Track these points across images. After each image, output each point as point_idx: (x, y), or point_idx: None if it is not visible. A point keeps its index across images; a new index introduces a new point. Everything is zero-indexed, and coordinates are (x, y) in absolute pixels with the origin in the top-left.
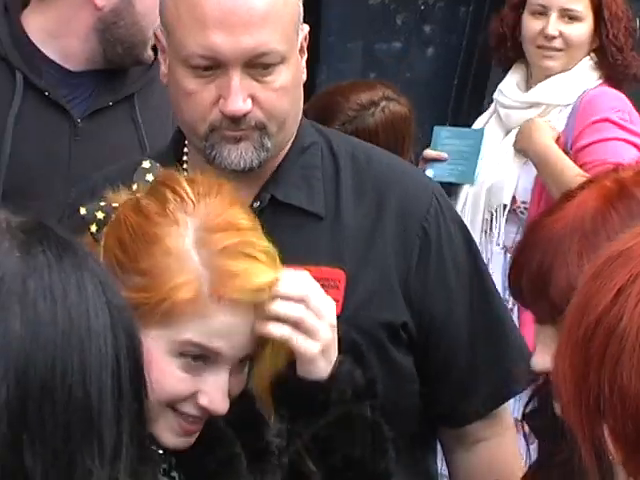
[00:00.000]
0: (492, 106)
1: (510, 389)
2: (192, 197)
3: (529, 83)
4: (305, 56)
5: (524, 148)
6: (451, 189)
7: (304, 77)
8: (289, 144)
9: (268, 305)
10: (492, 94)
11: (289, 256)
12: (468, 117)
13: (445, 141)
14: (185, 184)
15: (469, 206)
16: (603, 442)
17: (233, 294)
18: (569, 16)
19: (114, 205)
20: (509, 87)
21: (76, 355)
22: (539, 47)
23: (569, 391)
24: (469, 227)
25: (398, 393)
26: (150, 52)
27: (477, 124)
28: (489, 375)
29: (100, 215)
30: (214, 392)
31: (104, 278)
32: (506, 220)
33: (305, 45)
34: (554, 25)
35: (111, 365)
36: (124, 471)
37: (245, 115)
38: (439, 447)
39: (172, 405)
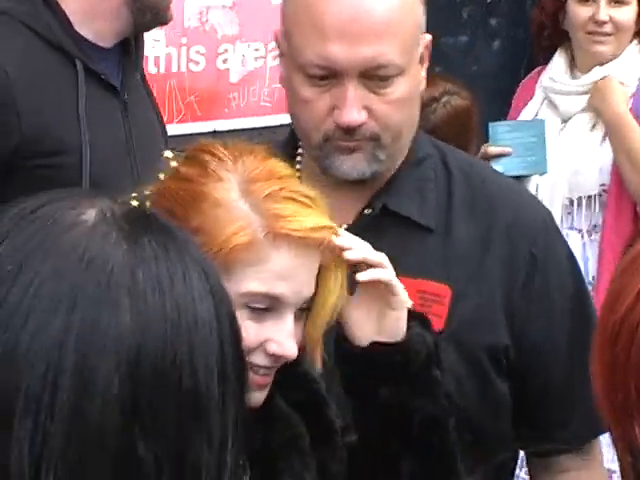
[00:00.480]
0: (538, 95)
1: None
2: (230, 156)
3: (574, 70)
4: (426, 65)
5: (598, 108)
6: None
7: (423, 86)
8: (404, 155)
9: (357, 252)
10: None
11: (396, 266)
12: None
13: (505, 136)
14: (220, 147)
15: (545, 196)
16: (635, 440)
17: (287, 232)
18: (616, 0)
19: (146, 193)
20: (560, 74)
21: (185, 344)
22: (589, 33)
23: (601, 390)
24: None
25: (492, 417)
26: (172, 12)
27: (525, 115)
28: (585, 406)
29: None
30: (283, 338)
31: (205, 264)
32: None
33: (427, 54)
34: (604, 10)
35: (216, 352)
36: (230, 456)
37: (359, 126)
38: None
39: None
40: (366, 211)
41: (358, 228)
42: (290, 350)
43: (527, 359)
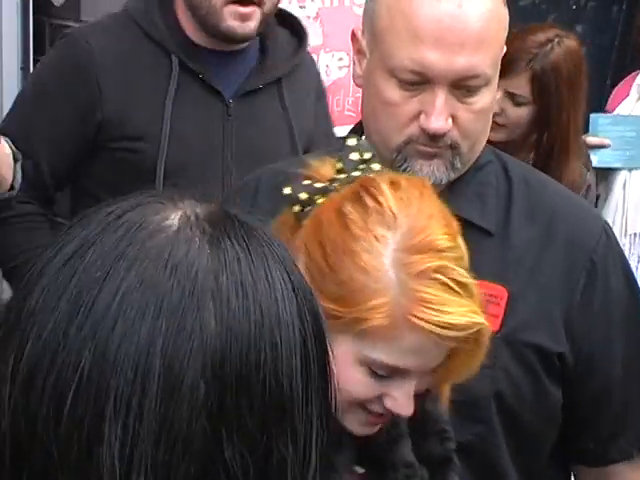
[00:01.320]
0: (633, 94)
1: None
2: (394, 209)
3: None
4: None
5: None
6: (603, 175)
7: (499, 95)
8: (472, 162)
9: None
10: None
11: None
12: None
13: (606, 127)
14: (387, 191)
15: (635, 192)
16: None
17: (426, 325)
18: None
19: (317, 186)
20: None
21: (268, 346)
22: None
23: None
24: (634, 212)
25: (545, 425)
26: (231, 22)
27: (620, 112)
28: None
29: (304, 196)
30: (400, 397)
31: (288, 263)
32: None
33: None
34: None
35: (300, 351)
36: (315, 453)
37: (444, 134)
38: None
39: (361, 406)
40: None
41: None
42: (405, 410)
43: (585, 367)
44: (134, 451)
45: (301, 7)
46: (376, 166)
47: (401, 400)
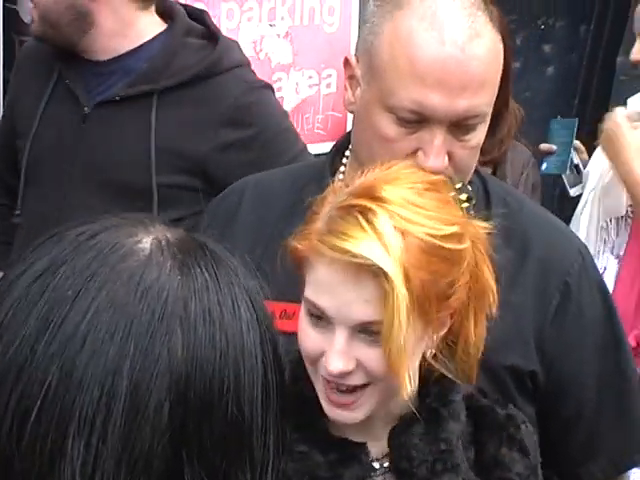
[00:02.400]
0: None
1: (634, 459)
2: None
3: None
4: None
5: (609, 157)
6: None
7: None
8: None
9: None
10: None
11: None
12: (588, 137)
13: (554, 133)
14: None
15: (586, 214)
16: None
17: (325, 248)
18: None
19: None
20: None
21: (232, 374)
22: None
23: None
24: (585, 235)
25: None
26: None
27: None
28: (612, 442)
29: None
30: (331, 352)
31: (253, 293)
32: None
33: None
34: None
35: (261, 380)
36: (271, 478)
37: (440, 173)
38: None
39: (314, 365)
40: None
41: None
42: (332, 366)
43: (554, 388)
44: (96, 470)
45: (271, 25)
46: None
47: (330, 355)
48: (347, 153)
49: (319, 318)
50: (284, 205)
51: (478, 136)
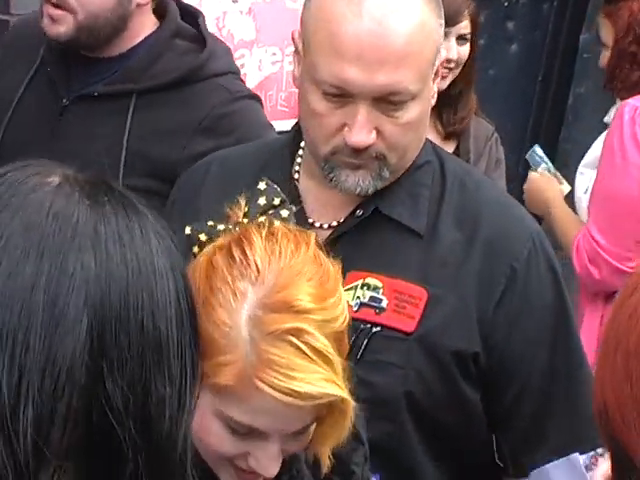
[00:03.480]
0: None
1: (579, 446)
2: (259, 263)
3: None
4: (439, 78)
5: (540, 214)
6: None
7: (434, 100)
8: (406, 168)
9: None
10: (576, 90)
11: (377, 264)
12: (552, 114)
13: (531, 160)
14: (257, 243)
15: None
16: None
17: (271, 390)
18: None
19: (218, 228)
20: None
21: (145, 292)
22: None
23: (615, 398)
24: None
25: (465, 424)
26: (45, 21)
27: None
28: (558, 428)
29: (203, 237)
30: (263, 459)
31: (161, 229)
32: None
33: (440, 68)
34: None
35: (174, 302)
36: (189, 398)
37: (367, 148)
38: None
39: (228, 461)
40: (357, 212)
41: (347, 226)
42: (269, 472)
43: (499, 369)
44: (21, 381)
45: (234, 1)
46: (284, 212)
47: (264, 462)
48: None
49: (250, 433)
50: (246, 182)
51: (409, 114)
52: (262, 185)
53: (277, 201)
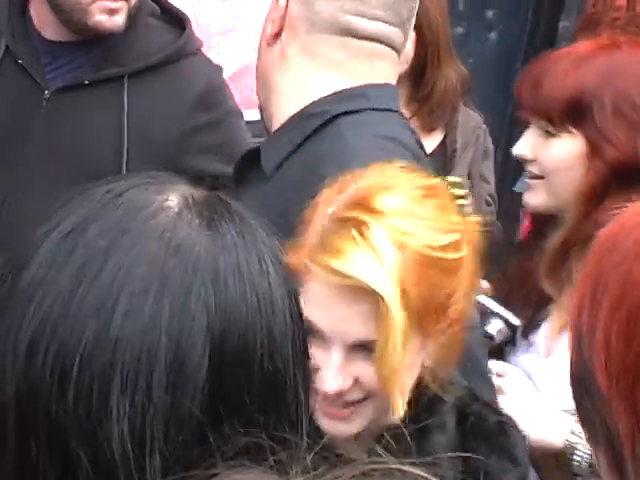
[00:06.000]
0: None
1: None
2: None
3: None
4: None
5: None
6: None
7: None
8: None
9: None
10: None
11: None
12: None
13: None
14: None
15: None
16: None
17: (316, 267)
18: None
19: None
20: None
21: (264, 329)
22: None
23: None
24: None
25: None
26: (100, 17)
27: None
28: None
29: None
30: (326, 372)
31: (275, 250)
32: None
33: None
34: None
35: (290, 335)
36: (305, 434)
37: None
38: None
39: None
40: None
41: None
42: (328, 386)
43: None
44: (145, 429)
45: None
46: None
47: (325, 372)
48: None
49: (314, 335)
50: None
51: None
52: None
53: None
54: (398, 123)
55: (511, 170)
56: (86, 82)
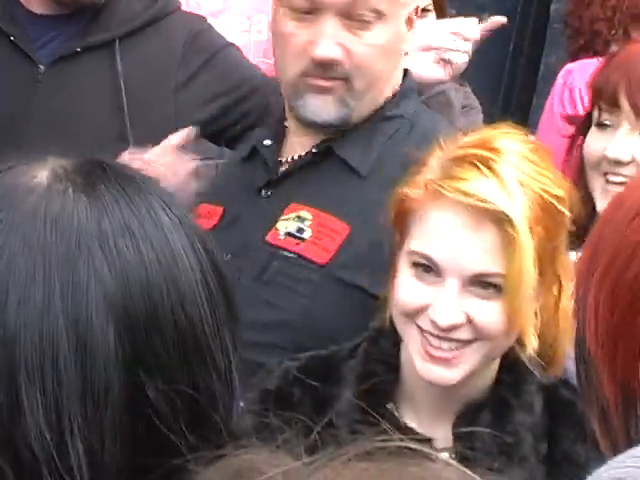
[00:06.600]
0: None
1: None
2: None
3: None
4: (413, 29)
5: None
6: None
7: (407, 47)
8: (372, 109)
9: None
10: (547, 59)
11: (316, 201)
12: (523, 84)
13: None
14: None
15: None
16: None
17: (447, 191)
18: None
19: None
20: None
21: (168, 280)
22: None
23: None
24: None
25: None
26: None
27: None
28: None
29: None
30: (439, 304)
31: (169, 199)
32: None
33: (413, 20)
34: None
35: (200, 281)
36: (235, 377)
37: (333, 64)
38: None
39: (412, 318)
40: (314, 149)
41: (300, 163)
42: (442, 318)
43: None
44: (61, 415)
45: None
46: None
47: (440, 307)
48: None
49: (427, 271)
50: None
51: (378, 36)
52: None
53: None
54: None
55: None
56: (78, 49)
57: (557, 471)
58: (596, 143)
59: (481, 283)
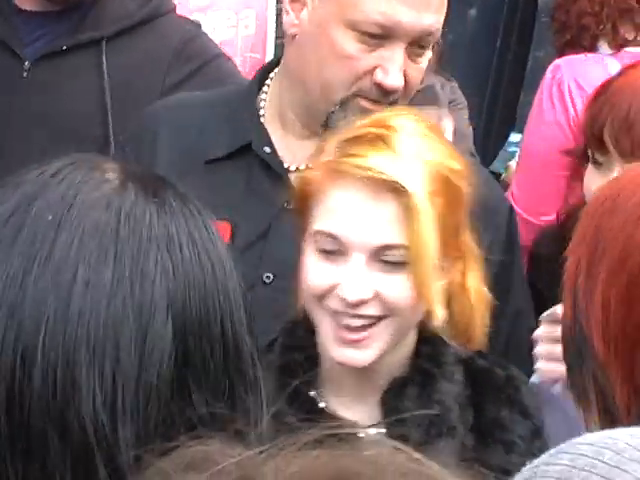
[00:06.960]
0: None
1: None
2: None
3: None
4: None
5: None
6: None
7: None
8: None
9: None
10: (536, 53)
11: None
12: (511, 78)
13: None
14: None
15: None
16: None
17: (344, 168)
18: None
19: None
20: None
21: (221, 293)
22: None
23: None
24: None
25: None
26: None
27: None
28: None
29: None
30: (347, 280)
31: (210, 221)
32: None
33: None
34: None
35: (242, 299)
36: (264, 400)
37: (397, 90)
38: None
39: (322, 301)
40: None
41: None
42: (350, 293)
43: None
44: (117, 399)
45: None
46: None
47: (346, 282)
48: (268, 82)
49: (331, 252)
50: (211, 130)
51: (426, 60)
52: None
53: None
54: None
55: (491, 148)
56: (64, 47)
57: (489, 438)
58: (592, 182)
59: (386, 256)
